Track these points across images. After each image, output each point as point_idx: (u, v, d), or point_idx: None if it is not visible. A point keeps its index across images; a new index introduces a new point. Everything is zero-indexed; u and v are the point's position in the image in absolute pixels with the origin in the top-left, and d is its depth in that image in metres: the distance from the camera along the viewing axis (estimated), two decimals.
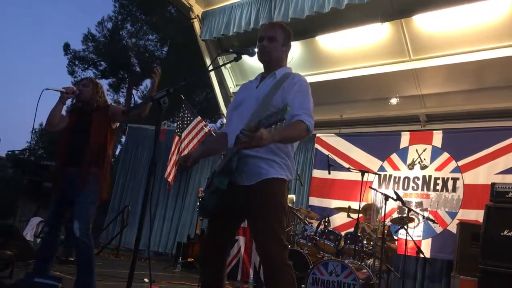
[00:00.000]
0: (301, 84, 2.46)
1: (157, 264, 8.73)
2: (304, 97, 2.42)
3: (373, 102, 7.77)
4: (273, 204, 2.36)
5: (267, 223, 2.31)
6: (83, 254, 3.43)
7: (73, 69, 25.68)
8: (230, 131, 2.57)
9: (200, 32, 8.54)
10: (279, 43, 2.58)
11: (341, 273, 4.85)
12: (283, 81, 2.47)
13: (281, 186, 2.41)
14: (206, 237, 2.57)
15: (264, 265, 2.34)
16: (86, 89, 3.77)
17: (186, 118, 9.15)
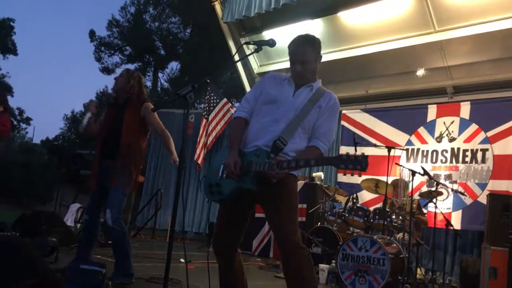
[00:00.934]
0: (335, 110, 2.67)
1: (192, 244, 9.00)
2: (331, 122, 2.66)
3: (399, 76, 7.71)
4: (290, 194, 2.56)
5: (285, 211, 2.49)
6: (117, 240, 3.76)
7: (99, 56, 26.14)
8: (259, 124, 2.64)
9: (222, 14, 8.58)
10: (311, 62, 2.66)
11: (370, 248, 4.95)
12: (320, 97, 2.64)
13: (294, 179, 2.62)
14: (218, 226, 2.69)
15: (282, 248, 2.49)
16: (120, 78, 3.96)
17: (212, 100, 9.29)
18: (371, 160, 7.19)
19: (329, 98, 2.65)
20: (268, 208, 2.57)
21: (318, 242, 5.73)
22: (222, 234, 2.67)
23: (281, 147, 2.47)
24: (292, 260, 2.43)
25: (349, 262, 5.03)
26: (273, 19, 8.25)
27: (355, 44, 7.81)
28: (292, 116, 2.57)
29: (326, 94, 2.66)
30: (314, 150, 2.55)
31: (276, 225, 2.53)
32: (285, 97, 2.64)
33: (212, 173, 2.65)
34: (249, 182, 2.46)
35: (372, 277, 4.85)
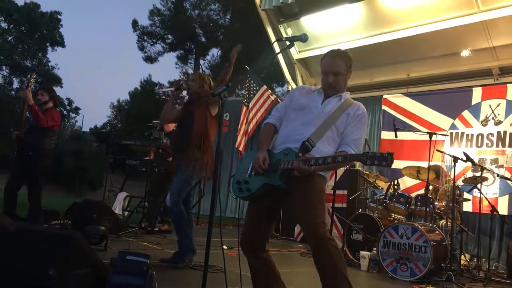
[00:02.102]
0: (361, 118, 2.71)
1: (234, 229, 9.19)
2: (360, 129, 2.70)
3: (442, 58, 7.51)
4: (316, 190, 2.60)
5: (311, 206, 2.54)
6: (174, 221, 4.28)
7: (142, 45, 26.68)
8: (288, 128, 2.74)
9: (260, 2, 8.59)
10: (343, 76, 2.76)
11: (411, 236, 4.94)
12: (348, 106, 2.72)
13: (321, 178, 2.66)
14: (247, 221, 2.77)
15: (311, 240, 2.54)
16: (193, 83, 4.40)
17: (252, 88, 9.34)
18: (412, 145, 7.15)
19: (357, 107, 2.73)
20: (294, 204, 2.61)
21: (359, 229, 5.75)
22: (250, 233, 2.74)
23: (309, 148, 2.52)
24: (322, 251, 2.48)
25: (390, 249, 5.04)
26: (311, 5, 8.19)
27: (395, 27, 7.65)
28: (321, 122, 2.65)
29: (354, 104, 2.75)
30: (342, 153, 2.59)
31: (303, 219, 2.59)
32: (314, 105, 2.74)
33: (241, 172, 2.73)
34: (277, 179, 2.54)
35: (414, 264, 4.85)
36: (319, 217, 2.53)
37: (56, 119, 5.38)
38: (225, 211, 10.31)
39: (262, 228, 2.72)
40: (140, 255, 2.58)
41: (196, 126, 4.20)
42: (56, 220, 6.16)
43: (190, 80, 4.48)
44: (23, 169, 5.27)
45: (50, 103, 5.45)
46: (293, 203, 2.62)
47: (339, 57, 2.77)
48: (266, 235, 2.76)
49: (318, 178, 2.62)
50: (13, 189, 5.28)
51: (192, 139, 4.17)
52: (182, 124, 4.36)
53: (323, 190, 2.68)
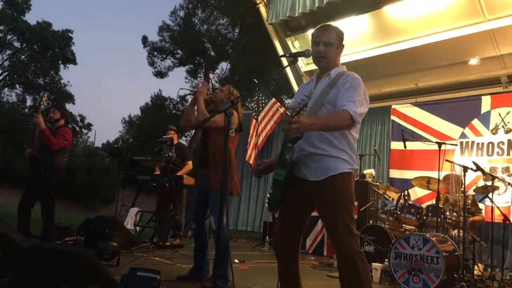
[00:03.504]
0: (353, 81, 2.56)
1: (246, 243, 9.19)
2: (354, 92, 2.51)
3: (450, 67, 7.51)
4: (341, 196, 2.50)
5: (337, 214, 2.47)
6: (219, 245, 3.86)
7: (152, 60, 26.93)
8: None
9: (267, 16, 8.67)
10: (334, 46, 2.68)
11: (423, 247, 4.90)
12: (337, 80, 2.59)
13: (347, 178, 2.54)
14: (277, 229, 2.76)
15: (338, 253, 2.51)
16: (221, 93, 4.33)
17: (261, 100, 9.42)
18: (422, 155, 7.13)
19: (344, 77, 2.59)
20: (321, 212, 2.57)
21: (370, 240, 5.72)
22: (280, 235, 2.72)
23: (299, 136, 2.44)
24: (349, 267, 2.42)
25: (402, 260, 5.00)
26: (318, 17, 8.22)
27: (403, 38, 7.67)
28: (316, 108, 2.56)
29: (344, 75, 2.61)
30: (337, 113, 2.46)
31: (330, 230, 2.54)
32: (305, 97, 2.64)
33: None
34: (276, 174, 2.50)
35: (426, 275, 4.81)
36: (346, 225, 2.44)
37: (68, 137, 5.46)
38: (236, 224, 10.32)
39: (292, 230, 2.67)
40: (150, 271, 2.61)
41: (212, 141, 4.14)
42: (69, 237, 6.22)
43: (219, 89, 4.40)
44: (36, 186, 5.35)
45: (62, 121, 5.54)
46: (320, 210, 2.56)
47: (331, 28, 2.70)
48: (297, 237, 2.69)
49: (342, 177, 2.51)
50: (26, 206, 5.35)
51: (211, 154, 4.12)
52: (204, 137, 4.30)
53: (347, 193, 2.52)
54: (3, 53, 31.15)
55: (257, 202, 10.35)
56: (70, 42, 32.10)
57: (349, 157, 2.58)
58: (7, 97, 32.15)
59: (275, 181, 2.52)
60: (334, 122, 2.44)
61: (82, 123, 35.32)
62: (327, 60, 2.67)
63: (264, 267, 5.85)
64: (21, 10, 30.50)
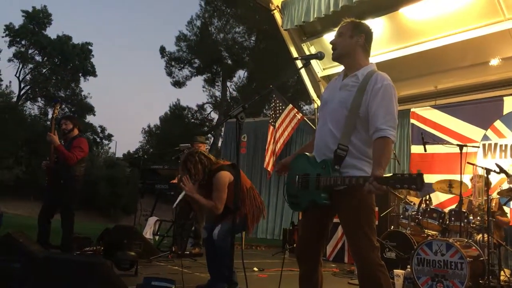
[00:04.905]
0: (384, 92, 2.47)
1: (266, 251, 9.12)
2: (388, 107, 2.44)
3: (470, 68, 7.35)
4: (362, 207, 2.46)
5: (358, 227, 2.43)
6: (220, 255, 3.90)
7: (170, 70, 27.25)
8: (317, 132, 2.69)
9: (282, 22, 8.63)
10: (345, 35, 2.62)
11: (446, 252, 4.77)
12: (366, 84, 2.50)
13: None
14: (300, 235, 2.75)
15: (359, 266, 2.47)
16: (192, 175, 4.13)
17: (278, 107, 9.37)
18: (443, 158, 6.98)
19: (374, 81, 2.49)
20: (342, 221, 2.55)
21: (392, 246, 5.60)
22: (302, 241, 2.71)
23: (343, 155, 2.44)
24: (370, 281, 2.38)
25: (425, 267, 4.88)
26: (333, 21, 8.15)
27: (420, 40, 7.54)
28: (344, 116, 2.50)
29: (372, 78, 2.51)
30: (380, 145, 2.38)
31: (350, 242, 2.51)
32: (333, 95, 2.62)
33: (291, 182, 2.69)
34: (321, 197, 2.47)
35: (451, 282, 4.67)
36: (368, 239, 2.40)
37: (84, 147, 5.50)
38: (256, 232, 10.26)
39: (314, 238, 2.66)
40: (165, 280, 2.58)
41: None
42: (89, 247, 6.26)
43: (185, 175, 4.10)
44: (55, 197, 5.39)
45: (76, 131, 5.58)
46: (341, 219, 2.53)
47: (347, 21, 2.68)
48: (318, 245, 2.69)
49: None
50: (46, 217, 5.40)
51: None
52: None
53: (367, 203, 2.49)
54: (25, 67, 31.85)
55: (277, 209, 10.28)
56: (90, 55, 32.65)
57: (369, 166, 2.51)
58: (30, 110, 32.83)
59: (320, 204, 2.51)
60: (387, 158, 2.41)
61: (103, 134, 35.74)
62: (339, 51, 2.63)
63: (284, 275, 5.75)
64: (42, 24, 31.16)
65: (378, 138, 2.39)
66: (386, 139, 2.38)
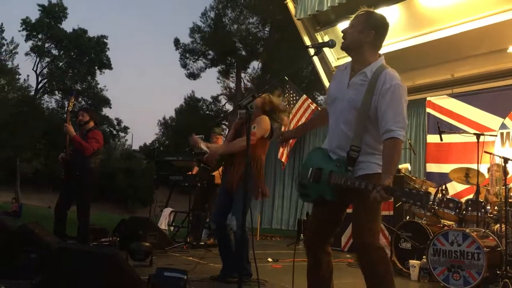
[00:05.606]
0: (394, 91, 2.44)
1: (281, 241, 9.13)
2: (397, 107, 2.43)
3: (487, 55, 7.22)
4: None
5: (364, 214, 2.46)
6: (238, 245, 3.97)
7: (185, 62, 27.30)
8: (329, 127, 2.68)
9: (295, 11, 8.58)
10: (356, 29, 2.56)
11: (463, 242, 4.71)
12: (375, 84, 2.47)
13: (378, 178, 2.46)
14: (311, 221, 2.76)
15: (357, 246, 2.51)
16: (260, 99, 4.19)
17: (292, 98, 9.33)
18: (460, 147, 6.85)
19: (383, 81, 2.45)
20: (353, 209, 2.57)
21: (407, 237, 5.55)
22: (312, 231, 2.73)
23: (355, 157, 2.46)
24: (365, 259, 2.43)
25: (441, 257, 4.83)
26: (347, 10, 8.06)
27: (436, 27, 7.43)
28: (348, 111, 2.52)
29: (381, 77, 2.47)
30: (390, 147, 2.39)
31: (353, 225, 2.52)
32: (341, 93, 2.60)
33: (304, 173, 2.69)
34: (329, 193, 2.50)
35: (467, 272, 4.62)
36: (368, 222, 2.45)
37: (100, 139, 5.54)
38: (270, 222, 10.27)
39: (323, 229, 2.69)
40: (177, 271, 2.59)
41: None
42: (105, 238, 6.34)
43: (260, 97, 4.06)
44: (71, 189, 5.45)
45: (91, 123, 5.62)
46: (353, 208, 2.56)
47: (362, 11, 2.62)
48: (327, 236, 2.71)
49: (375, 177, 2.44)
50: (62, 209, 5.46)
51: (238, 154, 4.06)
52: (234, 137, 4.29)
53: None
54: (42, 61, 32.22)
55: (291, 200, 10.26)
56: (105, 48, 32.86)
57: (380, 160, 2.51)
58: (47, 103, 33.28)
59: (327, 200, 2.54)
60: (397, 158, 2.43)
61: (119, 127, 36.10)
62: (347, 43, 2.59)
63: (298, 265, 5.76)
64: (58, 18, 31.43)
65: (388, 139, 2.41)
66: (396, 140, 2.39)
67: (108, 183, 29.50)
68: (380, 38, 2.60)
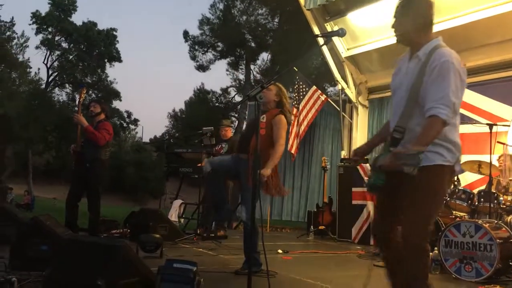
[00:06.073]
0: (440, 68, 2.33)
1: (291, 233, 9.14)
2: (441, 83, 2.30)
3: (499, 44, 7.08)
4: (425, 190, 2.38)
5: (413, 209, 2.37)
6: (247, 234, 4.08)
7: (194, 54, 27.26)
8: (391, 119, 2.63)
9: (304, 1, 8.49)
10: (398, 20, 2.53)
11: (475, 234, 4.66)
12: (426, 63, 2.38)
13: (439, 171, 2.41)
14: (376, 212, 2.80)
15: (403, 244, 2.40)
16: (268, 92, 4.17)
17: (302, 89, 9.28)
18: (472, 138, 6.77)
19: (432, 59, 2.35)
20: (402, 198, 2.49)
21: None
22: (376, 221, 2.73)
23: (398, 138, 2.37)
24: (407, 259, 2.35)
25: (453, 249, 4.78)
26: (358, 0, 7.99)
27: (447, 16, 7.29)
28: (405, 99, 2.43)
29: (432, 57, 2.37)
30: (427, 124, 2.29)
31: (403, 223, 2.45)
32: (399, 82, 2.54)
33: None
34: (377, 179, 2.46)
35: (479, 264, 4.57)
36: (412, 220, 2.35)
37: (110, 131, 5.56)
38: (280, 214, 10.27)
39: (384, 217, 2.61)
40: (187, 262, 2.59)
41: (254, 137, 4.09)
42: (116, 229, 6.38)
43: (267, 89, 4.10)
44: (81, 181, 5.48)
45: (102, 115, 5.63)
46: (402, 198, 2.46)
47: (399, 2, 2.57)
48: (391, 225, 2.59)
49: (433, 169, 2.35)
50: (73, 201, 5.49)
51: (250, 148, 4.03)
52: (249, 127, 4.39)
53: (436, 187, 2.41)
54: (52, 54, 32.40)
55: (301, 192, 10.24)
56: (115, 41, 32.95)
57: (444, 149, 2.40)
58: (58, 96, 33.50)
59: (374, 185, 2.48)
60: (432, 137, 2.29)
61: (129, 119, 36.29)
62: (396, 35, 2.56)
63: (308, 257, 5.77)
64: (68, 11, 31.54)
65: (428, 117, 2.30)
66: (435, 117, 2.27)
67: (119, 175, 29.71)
68: (426, 19, 2.52)
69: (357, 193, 7.44)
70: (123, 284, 2.35)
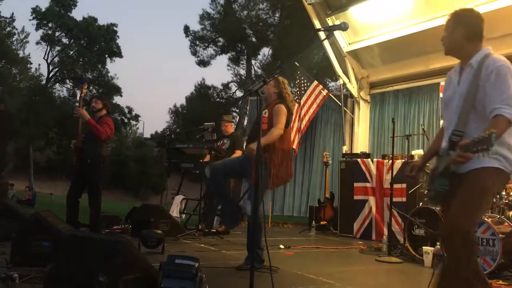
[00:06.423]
0: (497, 72, 2.40)
1: (293, 228, 9.13)
2: (501, 85, 2.36)
3: (503, 38, 6.99)
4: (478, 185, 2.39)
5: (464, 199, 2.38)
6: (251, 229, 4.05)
7: (195, 49, 27.24)
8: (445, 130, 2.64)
9: None
10: (448, 31, 2.61)
11: (477, 229, 4.65)
12: (480, 71, 2.45)
13: (493, 173, 2.42)
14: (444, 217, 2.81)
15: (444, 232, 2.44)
16: (267, 86, 4.08)
17: (303, 84, 9.24)
18: None
19: (486, 67, 2.43)
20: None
21: (421, 223, 5.50)
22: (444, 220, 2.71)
23: (457, 140, 2.39)
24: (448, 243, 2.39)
25: None
26: None
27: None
28: (461, 106, 2.47)
29: (484, 65, 2.44)
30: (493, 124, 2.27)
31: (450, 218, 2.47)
32: (454, 91, 2.59)
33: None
34: (437, 184, 2.50)
35: (482, 259, 4.56)
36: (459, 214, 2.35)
37: (112, 126, 5.54)
38: (282, 209, 10.26)
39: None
40: (189, 258, 2.57)
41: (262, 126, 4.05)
42: (118, 225, 6.37)
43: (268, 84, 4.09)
44: (82, 176, 5.46)
45: (104, 111, 5.61)
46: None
47: (451, 14, 2.66)
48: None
49: (485, 171, 2.38)
50: (74, 197, 5.47)
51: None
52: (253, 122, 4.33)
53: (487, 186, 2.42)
54: (52, 50, 32.37)
55: (303, 187, 10.22)
56: (115, 36, 32.89)
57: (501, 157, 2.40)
58: (59, 92, 33.49)
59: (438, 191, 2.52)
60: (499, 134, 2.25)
61: (130, 115, 36.28)
62: (446, 46, 2.64)
63: (310, 252, 5.76)
64: (68, 6, 31.49)
65: (492, 117, 2.33)
66: (500, 117, 2.30)
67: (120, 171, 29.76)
68: (475, 30, 2.60)
69: (358, 188, 7.43)
70: (125, 280, 2.34)
